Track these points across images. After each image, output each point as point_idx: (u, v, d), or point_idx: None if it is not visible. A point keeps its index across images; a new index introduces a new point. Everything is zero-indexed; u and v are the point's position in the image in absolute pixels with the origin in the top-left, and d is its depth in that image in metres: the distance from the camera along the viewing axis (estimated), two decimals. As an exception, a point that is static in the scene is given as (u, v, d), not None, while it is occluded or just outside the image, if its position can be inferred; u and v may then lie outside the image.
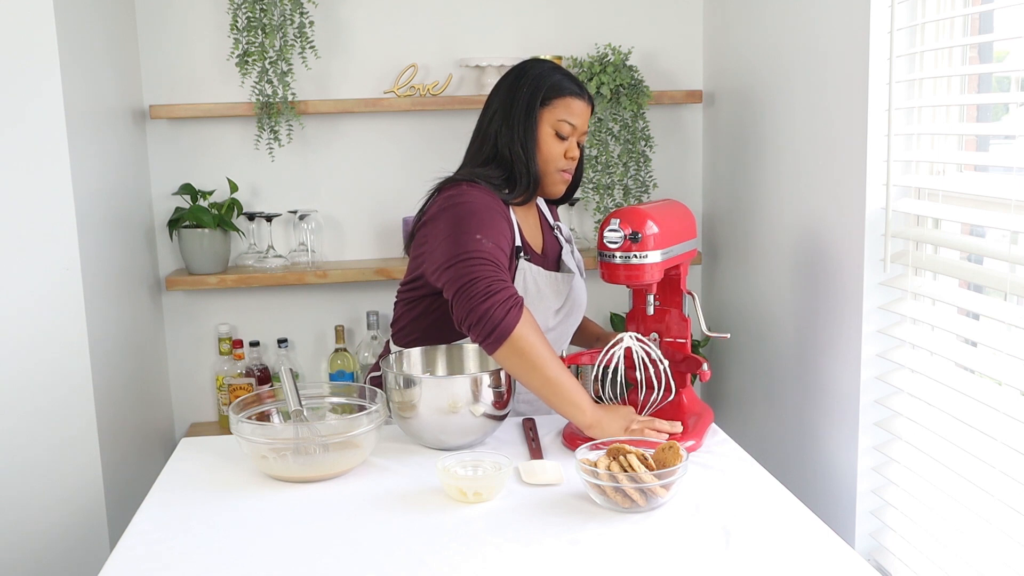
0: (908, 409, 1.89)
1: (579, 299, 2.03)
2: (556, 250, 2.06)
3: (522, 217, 1.99)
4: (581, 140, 1.97)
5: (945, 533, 1.76)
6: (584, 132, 1.96)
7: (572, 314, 2.03)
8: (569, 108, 1.92)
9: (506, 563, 1.39)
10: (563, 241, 2.08)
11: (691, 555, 1.40)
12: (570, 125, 1.92)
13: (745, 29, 2.58)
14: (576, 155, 1.96)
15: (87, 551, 2.27)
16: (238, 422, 1.69)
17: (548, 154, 1.94)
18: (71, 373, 2.21)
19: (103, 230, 2.37)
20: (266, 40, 2.60)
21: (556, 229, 2.09)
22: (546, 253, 2.03)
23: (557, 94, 1.92)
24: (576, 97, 1.93)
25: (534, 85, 1.92)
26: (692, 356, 1.88)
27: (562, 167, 1.95)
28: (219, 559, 1.42)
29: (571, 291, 2.01)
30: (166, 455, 2.75)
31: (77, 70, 2.22)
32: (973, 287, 1.84)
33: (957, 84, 1.86)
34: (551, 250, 2.05)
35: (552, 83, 1.93)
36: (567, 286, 1.99)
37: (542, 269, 1.96)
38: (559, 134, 1.92)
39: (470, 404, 1.74)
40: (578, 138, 1.96)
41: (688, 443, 1.78)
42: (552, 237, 2.08)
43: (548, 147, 1.93)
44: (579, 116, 1.93)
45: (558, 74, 1.94)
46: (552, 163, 1.94)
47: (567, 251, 2.07)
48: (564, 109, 1.92)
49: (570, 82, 1.94)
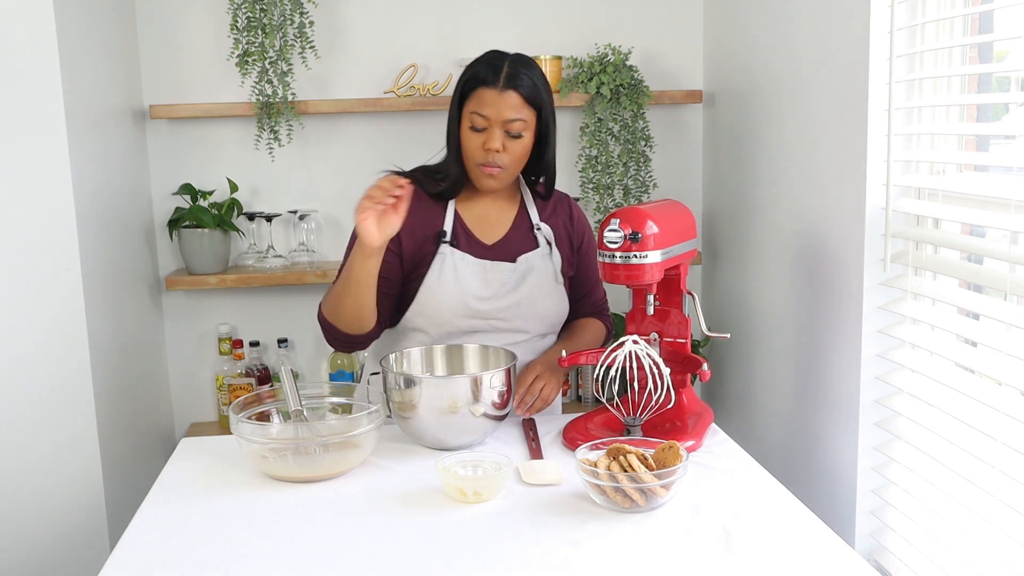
0: (908, 409, 1.89)
1: (529, 296, 1.98)
2: (522, 247, 2.02)
3: (481, 208, 2.02)
4: (512, 129, 1.90)
5: (945, 533, 1.76)
6: (508, 121, 1.88)
7: (516, 307, 1.98)
8: (480, 100, 1.90)
9: (506, 563, 1.39)
10: (541, 242, 2.04)
11: (691, 555, 1.40)
12: (481, 117, 1.90)
13: (745, 29, 2.58)
14: (494, 147, 1.89)
15: (87, 551, 2.27)
16: (238, 422, 1.69)
17: (465, 148, 1.94)
18: (71, 373, 2.21)
19: (103, 230, 2.37)
20: (266, 40, 2.60)
21: (537, 229, 2.05)
22: (499, 246, 2.01)
23: (472, 86, 1.92)
24: (488, 87, 1.89)
25: (461, 79, 1.94)
26: (692, 356, 1.88)
27: (479, 160, 1.92)
28: (219, 559, 1.42)
29: (510, 283, 1.97)
30: (166, 455, 2.74)
31: (77, 70, 2.22)
32: (973, 287, 1.84)
33: (957, 84, 1.86)
34: (512, 245, 2.02)
35: (470, 75, 1.93)
36: (498, 275, 1.97)
37: (468, 255, 1.97)
38: (474, 127, 1.91)
39: (470, 404, 1.74)
40: (505, 128, 1.90)
41: (688, 443, 1.78)
42: (525, 234, 2.04)
43: (465, 141, 1.93)
44: (491, 107, 1.88)
45: (480, 65, 1.93)
46: (470, 157, 1.94)
47: (540, 252, 2.02)
48: (476, 101, 1.90)
49: (487, 72, 1.90)
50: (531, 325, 2.02)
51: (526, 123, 1.92)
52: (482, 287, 1.97)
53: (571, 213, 2.13)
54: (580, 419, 1.92)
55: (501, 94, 1.89)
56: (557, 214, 2.10)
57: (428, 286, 1.97)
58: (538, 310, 2.01)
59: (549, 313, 2.03)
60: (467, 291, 1.96)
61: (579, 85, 2.76)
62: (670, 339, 1.92)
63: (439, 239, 1.98)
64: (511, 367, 1.81)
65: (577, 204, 2.18)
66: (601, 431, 1.83)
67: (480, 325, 1.98)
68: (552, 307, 2.03)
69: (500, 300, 1.98)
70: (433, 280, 1.97)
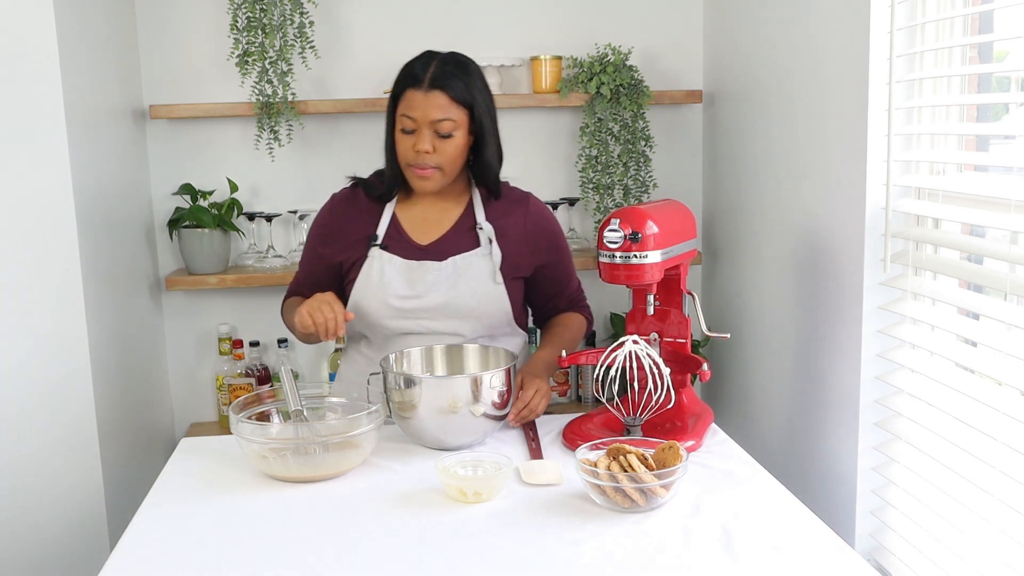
0: (908, 409, 1.89)
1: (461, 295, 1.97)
2: (460, 247, 2.01)
3: (421, 209, 2.03)
4: (441, 129, 1.89)
5: (945, 533, 1.76)
6: (435, 121, 1.89)
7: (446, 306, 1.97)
8: (408, 101, 1.91)
9: (506, 563, 1.39)
10: (482, 241, 2.01)
11: (691, 555, 1.40)
12: (409, 119, 1.90)
13: (745, 29, 2.58)
14: (423, 148, 1.90)
15: (87, 551, 2.27)
16: (238, 422, 1.69)
17: (398, 150, 1.95)
18: (71, 373, 2.21)
19: (103, 230, 2.36)
20: (266, 40, 2.60)
21: (479, 228, 2.02)
22: (434, 246, 2.00)
23: (401, 88, 1.93)
24: (415, 88, 1.90)
25: (394, 82, 1.95)
26: (692, 356, 1.88)
27: (410, 162, 1.93)
28: (219, 559, 1.42)
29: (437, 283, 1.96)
30: (166, 455, 2.75)
31: (77, 70, 2.22)
32: (973, 287, 1.84)
33: (957, 84, 1.86)
34: (447, 245, 2.01)
35: (399, 78, 1.93)
36: (424, 275, 1.97)
37: (397, 257, 1.98)
38: (403, 129, 1.92)
39: (470, 404, 1.74)
40: (434, 128, 1.90)
41: (688, 443, 1.78)
42: (465, 234, 2.02)
43: (397, 143, 1.95)
44: (418, 108, 1.89)
45: (409, 66, 1.93)
46: (401, 159, 1.95)
47: (479, 252, 2.00)
48: (405, 103, 1.91)
49: (409, 74, 1.91)
50: (466, 326, 1.99)
51: (455, 123, 1.91)
52: (404, 287, 1.97)
53: (528, 211, 2.08)
54: (580, 419, 1.92)
55: (427, 95, 1.89)
56: (513, 214, 2.06)
57: (356, 289, 2.00)
58: (472, 310, 1.98)
59: (484, 313, 1.99)
60: (389, 292, 1.96)
61: (579, 85, 2.76)
62: (670, 339, 1.92)
63: (370, 242, 2.00)
64: (511, 367, 1.81)
65: (540, 202, 2.12)
66: (601, 431, 1.83)
67: (411, 326, 1.98)
68: (487, 308, 1.99)
69: (425, 300, 1.96)
70: (361, 284, 1.99)
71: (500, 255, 2.01)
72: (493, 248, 2.01)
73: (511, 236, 2.04)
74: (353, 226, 2.03)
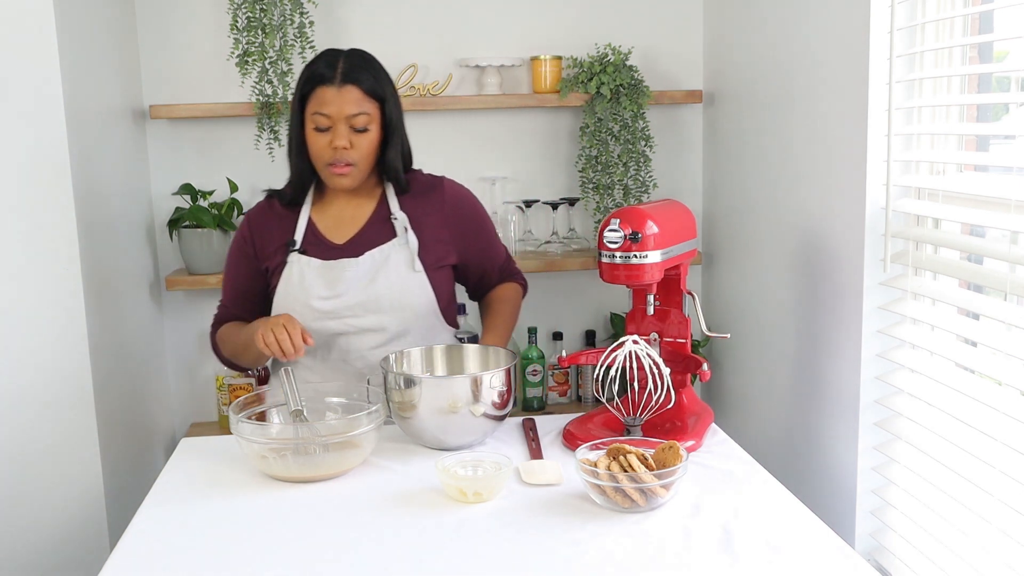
0: (908, 409, 1.89)
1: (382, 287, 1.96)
2: (377, 240, 2.00)
3: (336, 209, 2.02)
4: (356, 124, 1.89)
5: (945, 533, 1.76)
6: (351, 116, 1.88)
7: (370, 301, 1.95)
8: (320, 99, 1.89)
9: (506, 563, 1.39)
10: (399, 231, 2.00)
11: (691, 555, 1.40)
12: (323, 116, 1.89)
13: (745, 29, 2.58)
14: (340, 144, 1.89)
15: (87, 551, 2.27)
16: (238, 422, 1.69)
17: (312, 150, 1.94)
18: (71, 373, 2.21)
19: (103, 230, 2.36)
20: (266, 40, 2.60)
21: (393, 219, 2.01)
22: (351, 243, 1.99)
23: (311, 87, 1.91)
24: (327, 85, 1.89)
25: (299, 81, 1.94)
26: (692, 356, 1.88)
27: (328, 160, 1.92)
28: (219, 559, 1.42)
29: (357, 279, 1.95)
30: (166, 455, 2.75)
31: (77, 70, 2.22)
32: (973, 287, 1.84)
33: (957, 84, 1.86)
34: (364, 240, 2.00)
35: (307, 76, 1.92)
36: (342, 273, 1.96)
37: (315, 259, 1.97)
38: (317, 128, 1.91)
39: (470, 404, 1.74)
40: (349, 123, 1.89)
41: (688, 443, 1.78)
42: (381, 226, 2.01)
43: (311, 143, 1.93)
44: (332, 104, 1.88)
45: (317, 64, 1.92)
46: (318, 159, 1.94)
47: (397, 242, 1.99)
48: (316, 101, 1.90)
49: (324, 70, 1.90)
50: (391, 320, 1.98)
51: (370, 116, 1.91)
52: (324, 288, 1.96)
53: (444, 196, 2.06)
54: (580, 419, 1.92)
55: (340, 90, 1.89)
56: (428, 201, 2.04)
57: (278, 296, 1.99)
58: (393, 302, 1.97)
59: (406, 304, 1.98)
60: (310, 295, 1.96)
61: (579, 85, 2.76)
62: (670, 339, 1.92)
63: (288, 249, 1.99)
64: (511, 367, 1.81)
65: (455, 183, 2.11)
66: (601, 431, 1.83)
67: (336, 326, 1.97)
68: (409, 298, 1.98)
69: (346, 298, 1.96)
70: (282, 290, 1.98)
71: (416, 242, 2.00)
72: (409, 236, 2.00)
73: (429, 223, 2.03)
74: (271, 235, 2.02)
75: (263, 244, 2.03)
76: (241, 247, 2.06)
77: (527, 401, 2.90)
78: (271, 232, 2.03)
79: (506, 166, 2.92)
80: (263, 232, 2.04)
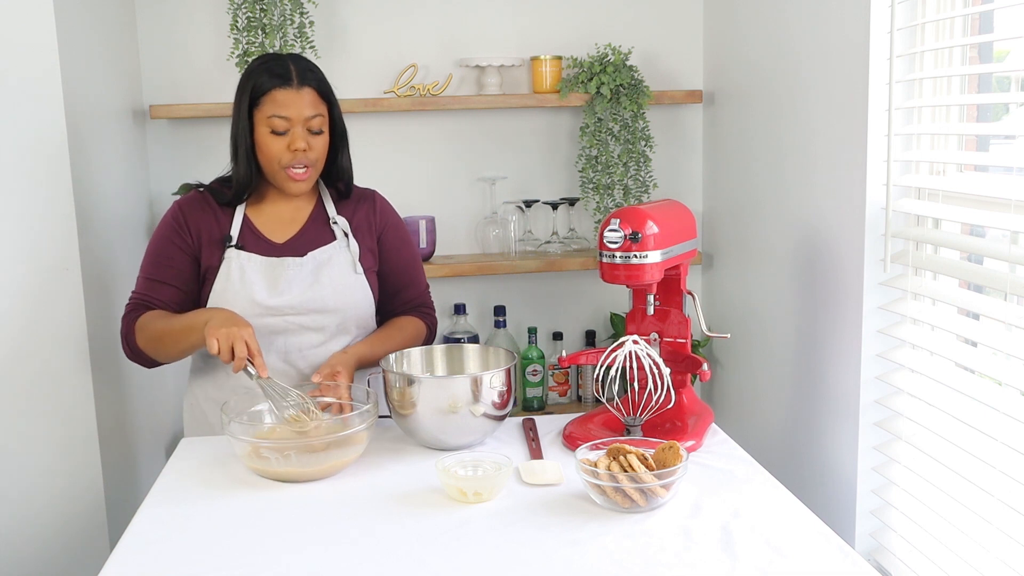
0: (908, 409, 1.89)
1: (324, 288, 1.96)
2: (317, 242, 2.00)
3: (273, 208, 2.01)
4: (312, 126, 1.89)
5: (946, 533, 1.77)
6: (309, 117, 1.89)
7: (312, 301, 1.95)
8: (276, 102, 1.88)
9: (506, 563, 1.39)
10: (338, 235, 2.01)
11: (691, 555, 1.40)
12: (281, 119, 1.88)
13: (745, 29, 2.58)
14: (300, 146, 1.88)
15: (87, 551, 2.27)
16: (229, 422, 1.68)
17: (269, 153, 1.91)
18: (71, 373, 2.21)
19: (103, 230, 2.36)
20: (266, 40, 2.60)
21: (333, 223, 2.02)
22: (291, 243, 1.99)
23: (261, 92, 1.90)
24: (282, 88, 1.88)
25: (243, 89, 1.93)
26: (692, 356, 1.88)
27: (286, 163, 1.91)
28: (219, 559, 1.42)
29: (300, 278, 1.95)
30: (166, 455, 2.75)
31: (77, 70, 2.22)
32: (973, 287, 1.84)
33: (957, 84, 1.86)
34: (304, 241, 2.00)
35: (255, 83, 1.90)
36: (286, 271, 1.96)
37: (256, 255, 1.96)
38: (274, 131, 1.90)
39: (470, 404, 1.74)
40: (305, 125, 1.89)
41: (688, 443, 1.78)
42: (321, 229, 2.02)
43: (267, 147, 1.91)
44: (290, 106, 1.87)
45: (262, 70, 1.91)
46: (276, 162, 1.92)
47: (337, 245, 2.00)
48: (271, 105, 1.89)
49: (273, 75, 1.89)
50: (331, 320, 1.98)
51: (324, 119, 1.93)
52: (267, 285, 1.95)
53: (375, 207, 2.08)
54: (580, 419, 1.92)
55: (298, 92, 1.89)
56: (361, 208, 2.06)
57: (216, 292, 1.96)
58: (336, 303, 1.97)
59: (348, 305, 1.98)
60: (253, 290, 1.94)
61: (579, 85, 2.76)
62: (670, 339, 1.92)
63: (225, 244, 1.97)
64: (511, 367, 1.81)
65: (383, 197, 2.13)
66: (601, 431, 1.83)
67: (278, 324, 1.95)
68: (350, 299, 1.99)
69: (289, 296, 1.95)
70: (221, 286, 1.96)
71: (357, 246, 2.01)
72: (350, 241, 2.01)
73: (362, 229, 2.05)
74: (206, 226, 1.99)
75: (197, 231, 1.99)
76: (175, 233, 1.99)
77: (527, 401, 2.90)
78: (205, 221, 1.99)
79: (506, 166, 2.92)
80: (198, 224, 1.99)
